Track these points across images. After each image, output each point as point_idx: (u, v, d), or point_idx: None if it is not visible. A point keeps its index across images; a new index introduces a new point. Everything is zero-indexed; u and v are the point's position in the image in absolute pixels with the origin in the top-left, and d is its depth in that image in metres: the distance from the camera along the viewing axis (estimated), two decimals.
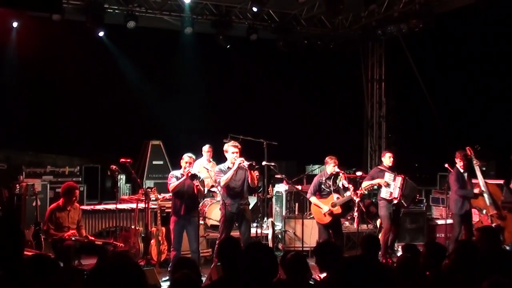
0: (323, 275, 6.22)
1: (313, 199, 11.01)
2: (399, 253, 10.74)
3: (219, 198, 12.44)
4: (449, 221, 12.80)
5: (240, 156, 9.95)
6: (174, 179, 9.86)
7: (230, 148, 10.06)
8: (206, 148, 12.96)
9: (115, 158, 11.01)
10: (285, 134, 14.92)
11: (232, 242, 5.99)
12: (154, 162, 14.86)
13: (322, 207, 10.91)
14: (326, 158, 11.02)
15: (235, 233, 10.16)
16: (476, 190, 11.32)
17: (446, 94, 16.56)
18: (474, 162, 11.35)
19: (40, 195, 12.15)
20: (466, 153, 11.40)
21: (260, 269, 4.65)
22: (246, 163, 9.79)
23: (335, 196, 10.97)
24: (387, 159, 11.50)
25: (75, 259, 9.77)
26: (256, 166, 10.07)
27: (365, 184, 11.51)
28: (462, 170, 11.44)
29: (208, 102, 16.30)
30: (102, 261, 8.81)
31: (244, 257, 4.83)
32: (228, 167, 10.01)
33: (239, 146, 10.08)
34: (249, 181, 9.98)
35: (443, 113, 16.02)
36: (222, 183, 9.94)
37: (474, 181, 11.57)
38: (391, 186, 11.28)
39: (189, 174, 9.66)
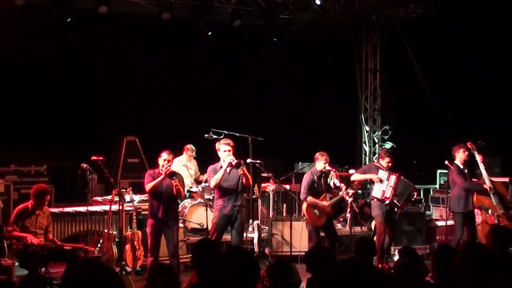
0: None
1: (309, 199, 10.98)
2: (396, 257, 10.76)
3: (200, 199, 12.45)
4: (450, 222, 12.84)
5: (234, 154, 9.96)
6: (151, 178, 9.81)
7: (222, 146, 10.06)
8: (190, 149, 12.99)
9: (86, 156, 10.95)
10: (271, 129, 14.91)
11: (208, 245, 5.97)
12: (129, 160, 14.80)
13: (320, 204, 10.90)
14: (317, 154, 11.02)
15: (226, 236, 10.19)
16: (485, 186, 11.30)
17: (447, 85, 16.61)
18: (477, 157, 11.35)
19: (3, 197, 12.07)
20: (467, 147, 11.39)
21: (239, 276, 4.61)
22: (235, 162, 9.82)
23: (328, 196, 11.00)
24: (385, 163, 11.46)
25: (42, 266, 9.70)
26: (243, 165, 10.07)
27: (356, 176, 11.54)
28: (462, 166, 11.46)
29: (188, 94, 16.23)
30: (72, 268, 8.75)
31: (222, 262, 4.79)
32: (221, 166, 10.01)
33: (232, 144, 10.08)
34: (243, 180, 9.99)
35: (443, 106, 16.07)
36: (212, 184, 9.98)
37: (474, 180, 11.59)
38: (384, 184, 11.28)
39: (168, 173, 9.62)
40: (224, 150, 10.01)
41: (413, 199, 12.65)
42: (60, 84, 15.16)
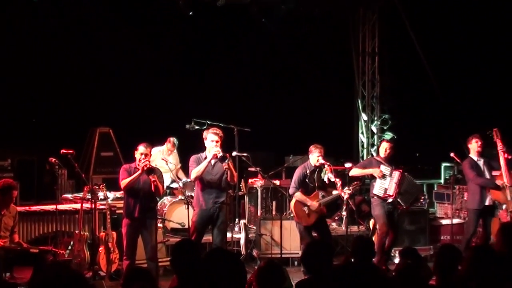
0: None
1: (298, 195, 10.97)
2: (397, 260, 10.77)
3: (181, 196, 12.43)
4: (456, 220, 12.89)
5: (222, 146, 9.94)
6: (127, 173, 9.77)
7: (210, 135, 10.01)
8: (172, 142, 12.98)
9: (55, 149, 10.89)
10: (259, 119, 14.91)
11: (189, 246, 5.94)
12: (102, 154, 14.76)
13: (309, 204, 10.89)
14: (311, 147, 11.01)
15: (207, 237, 10.17)
16: (498, 183, 11.32)
17: (453, 70, 16.62)
18: (499, 147, 11.33)
19: None
20: (486, 136, 11.38)
21: (224, 281, 4.59)
22: (220, 154, 9.79)
23: (320, 193, 10.97)
24: (382, 150, 11.45)
25: (7, 271, 9.66)
26: (229, 158, 10.05)
27: (355, 171, 11.52)
28: (476, 158, 11.47)
29: (167, 81, 16.17)
30: (39, 273, 8.71)
31: (204, 266, 4.77)
32: (205, 157, 10.00)
33: (221, 134, 10.04)
34: (228, 177, 9.96)
35: (449, 93, 16.08)
36: (192, 176, 9.96)
37: (495, 173, 11.55)
38: (386, 180, 11.26)
39: (146, 168, 9.58)
40: (212, 140, 9.97)
41: (420, 202, 12.66)
42: (25, 71, 15.04)
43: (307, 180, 11.00)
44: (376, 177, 11.30)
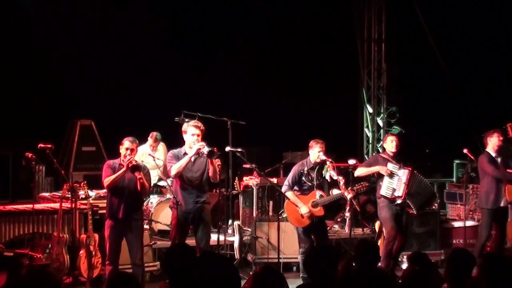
0: None
1: (289, 195, 10.95)
2: (405, 265, 10.78)
3: (169, 195, 12.41)
4: (469, 222, 12.89)
5: (203, 140, 9.89)
6: (111, 170, 9.76)
7: (190, 129, 9.98)
8: (153, 136, 12.98)
9: (32, 143, 10.88)
10: (255, 111, 14.90)
11: (182, 250, 5.95)
12: (83, 148, 14.73)
13: (299, 206, 10.87)
14: (311, 142, 10.97)
15: (190, 241, 10.12)
16: None
17: (467, 59, 16.61)
18: None
19: None
20: (503, 132, 11.41)
21: (216, 285, 4.60)
22: (206, 150, 9.73)
23: (318, 193, 10.94)
24: (389, 143, 11.43)
25: None
26: (218, 153, 10.01)
27: (360, 171, 11.48)
28: (494, 154, 11.48)
29: (154, 69, 16.16)
30: (14, 278, 8.70)
31: (196, 270, 4.79)
32: (185, 153, 9.95)
33: (202, 128, 10.01)
34: (210, 173, 9.94)
35: (462, 83, 16.08)
36: (173, 172, 9.90)
37: (510, 171, 11.57)
38: (394, 179, 11.23)
39: (130, 165, 9.55)
40: (192, 133, 9.95)
41: (434, 206, 12.65)
42: None
43: (303, 178, 10.95)
44: (384, 176, 11.27)
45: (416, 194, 11.28)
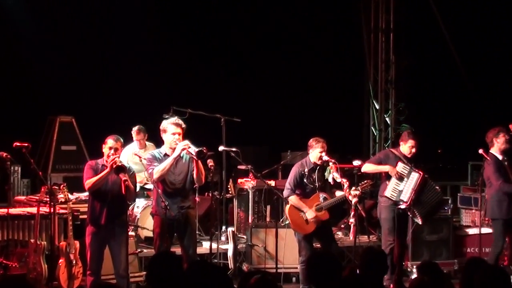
0: None
1: (293, 199, 10.97)
2: (414, 276, 10.79)
3: None
4: (485, 230, 12.88)
5: (184, 139, 9.87)
6: (92, 172, 9.76)
7: (170, 127, 9.97)
8: (135, 131, 12.92)
9: (6, 142, 10.87)
10: (252, 108, 14.89)
11: (167, 258, 5.96)
12: (63, 147, 14.72)
13: (305, 211, 10.89)
14: (311, 141, 10.97)
15: (177, 249, 10.14)
16: None
17: (483, 49, 16.62)
18: None
19: None
20: (508, 131, 11.43)
21: None
22: (193, 149, 9.71)
23: (321, 196, 10.95)
24: (407, 148, 11.37)
25: None
26: (209, 153, 10.01)
27: (368, 167, 11.46)
28: (500, 156, 11.47)
29: (141, 62, 16.16)
30: None
31: (185, 281, 4.80)
32: (166, 154, 9.95)
33: (183, 125, 10.00)
34: (195, 175, 9.93)
35: (478, 77, 16.09)
36: (156, 176, 9.86)
37: None
38: (402, 182, 11.22)
39: (115, 165, 9.54)
40: (173, 132, 9.92)
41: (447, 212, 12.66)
42: None
43: (305, 180, 10.96)
44: (392, 176, 11.26)
45: (424, 202, 11.23)
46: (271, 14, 17.15)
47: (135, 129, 13.01)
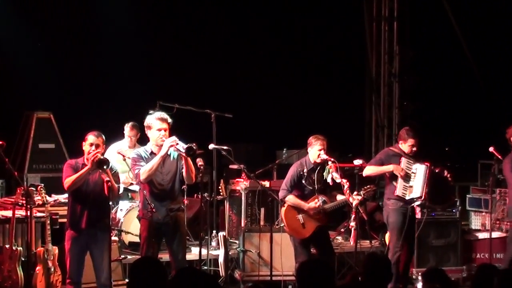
0: None
1: (291, 198, 10.97)
2: (420, 284, 10.80)
3: None
4: (496, 234, 12.91)
5: (171, 135, 9.84)
6: (72, 171, 9.74)
7: (155, 123, 9.91)
8: (128, 126, 12.91)
9: None
10: (245, 102, 14.89)
11: (151, 265, 5.96)
12: (41, 146, 14.69)
13: (305, 208, 10.89)
14: (310, 138, 11.00)
15: (164, 255, 10.14)
16: None
17: (494, 40, 16.63)
18: None
19: None
20: None
21: None
22: (182, 146, 9.68)
23: (320, 198, 10.96)
24: (407, 147, 11.41)
25: None
26: (199, 152, 9.99)
27: (370, 170, 11.46)
28: None
29: (125, 53, 16.12)
30: None
31: None
32: (152, 152, 9.92)
33: (170, 120, 9.96)
34: (184, 173, 9.90)
35: (489, 71, 16.11)
36: (143, 176, 9.79)
37: None
38: (410, 178, 11.25)
39: (96, 160, 9.48)
40: (159, 128, 9.86)
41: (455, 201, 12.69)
42: None
43: (303, 181, 10.97)
44: (398, 176, 11.27)
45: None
46: (264, 1, 17.15)
47: (129, 124, 13.00)
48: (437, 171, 11.43)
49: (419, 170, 11.27)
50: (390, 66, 17.54)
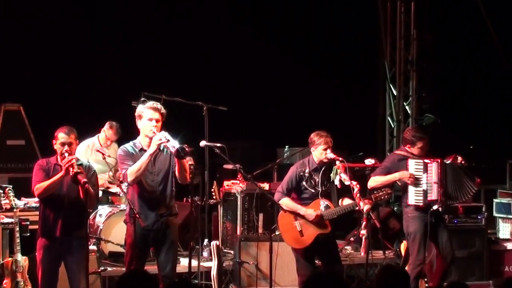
0: None
1: (285, 201, 10.91)
2: None
3: (124, 205, 12.42)
4: None
5: (162, 129, 9.77)
6: (43, 174, 9.71)
7: (146, 112, 9.77)
8: (107, 124, 12.94)
9: None
10: (241, 94, 14.89)
11: (139, 278, 5.96)
12: (9, 142, 14.73)
13: (301, 212, 10.81)
14: (312, 136, 10.95)
15: (151, 266, 10.13)
16: None
17: None
18: None
19: None
20: None
21: None
22: (173, 145, 9.62)
23: (322, 203, 10.91)
24: (416, 150, 11.36)
25: None
26: (189, 150, 9.96)
27: (375, 181, 11.40)
28: None
29: (105, 39, 16.14)
30: None
31: None
32: (142, 149, 9.86)
33: (163, 111, 9.87)
34: (177, 173, 9.86)
35: None
36: (131, 178, 9.69)
37: None
38: (421, 182, 11.23)
39: (73, 172, 9.42)
40: (150, 118, 9.70)
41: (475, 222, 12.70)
42: None
43: (304, 183, 10.90)
44: (407, 184, 11.24)
45: (455, 189, 11.24)
46: None
47: (115, 125, 13.01)
48: (448, 162, 11.33)
49: (429, 170, 11.20)
50: (406, 52, 17.55)
